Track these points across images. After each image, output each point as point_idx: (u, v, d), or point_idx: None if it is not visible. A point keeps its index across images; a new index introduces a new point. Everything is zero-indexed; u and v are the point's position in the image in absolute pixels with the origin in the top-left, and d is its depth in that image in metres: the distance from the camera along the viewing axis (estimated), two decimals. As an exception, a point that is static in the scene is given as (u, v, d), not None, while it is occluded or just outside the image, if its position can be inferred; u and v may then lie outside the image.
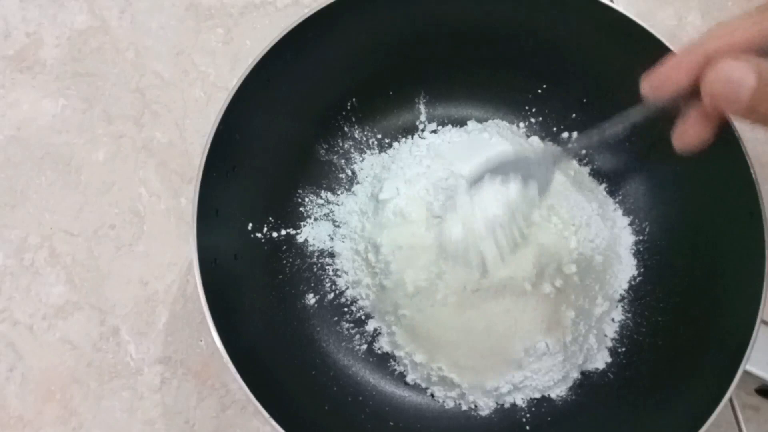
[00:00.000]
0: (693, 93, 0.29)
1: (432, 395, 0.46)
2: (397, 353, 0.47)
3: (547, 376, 0.45)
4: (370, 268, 0.47)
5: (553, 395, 0.46)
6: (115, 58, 0.58)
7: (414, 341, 0.46)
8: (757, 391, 0.47)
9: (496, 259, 0.43)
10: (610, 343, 0.47)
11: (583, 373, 0.46)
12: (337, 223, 0.51)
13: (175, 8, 0.60)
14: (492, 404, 0.45)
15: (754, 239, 0.39)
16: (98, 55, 0.58)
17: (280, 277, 0.49)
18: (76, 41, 0.59)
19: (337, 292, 0.49)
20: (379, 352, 0.48)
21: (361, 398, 0.46)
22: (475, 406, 0.45)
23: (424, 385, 0.46)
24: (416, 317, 0.45)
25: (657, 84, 0.30)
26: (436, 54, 0.51)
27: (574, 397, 0.46)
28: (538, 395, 0.45)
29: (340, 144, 0.52)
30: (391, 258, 0.45)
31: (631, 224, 0.50)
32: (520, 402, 0.46)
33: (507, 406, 0.46)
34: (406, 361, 0.47)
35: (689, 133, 0.29)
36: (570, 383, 0.46)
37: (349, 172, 0.53)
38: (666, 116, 0.33)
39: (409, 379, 0.47)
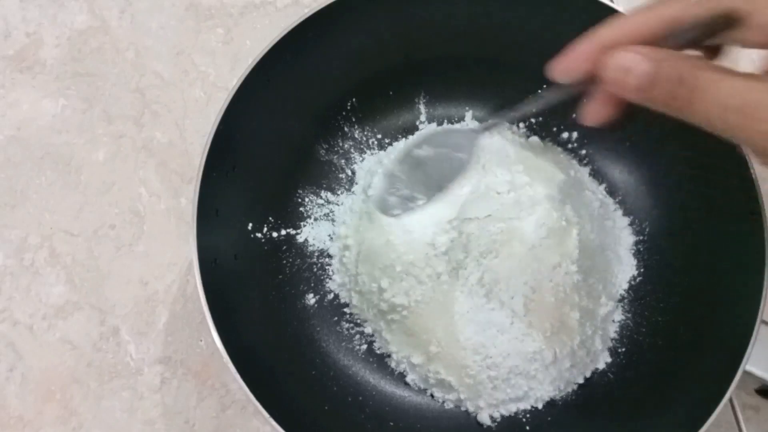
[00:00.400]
0: (595, 78, 0.31)
1: (432, 395, 0.46)
2: (394, 355, 0.47)
3: (553, 386, 0.45)
4: (348, 272, 0.48)
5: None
6: (115, 58, 0.58)
7: (408, 345, 0.45)
8: (757, 392, 0.47)
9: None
10: (610, 343, 0.47)
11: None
12: (336, 223, 0.51)
13: (175, 8, 0.60)
14: (492, 413, 0.45)
15: (754, 239, 0.39)
16: (98, 55, 0.58)
17: (280, 277, 0.49)
18: (76, 41, 0.59)
19: (336, 292, 0.49)
20: (379, 352, 0.48)
21: (361, 398, 0.46)
22: (475, 412, 0.45)
23: (423, 386, 0.46)
24: (405, 322, 0.45)
25: (562, 69, 0.32)
26: (436, 54, 0.51)
27: (574, 398, 0.46)
28: (540, 405, 0.45)
29: (340, 144, 0.52)
30: (361, 261, 0.45)
31: (631, 224, 0.50)
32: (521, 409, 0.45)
33: (507, 414, 0.45)
34: (404, 363, 0.47)
35: (596, 111, 0.32)
36: (574, 386, 0.46)
37: (349, 172, 0.53)
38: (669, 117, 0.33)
39: (409, 379, 0.47)
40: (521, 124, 0.53)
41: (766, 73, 0.29)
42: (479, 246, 0.45)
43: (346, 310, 0.49)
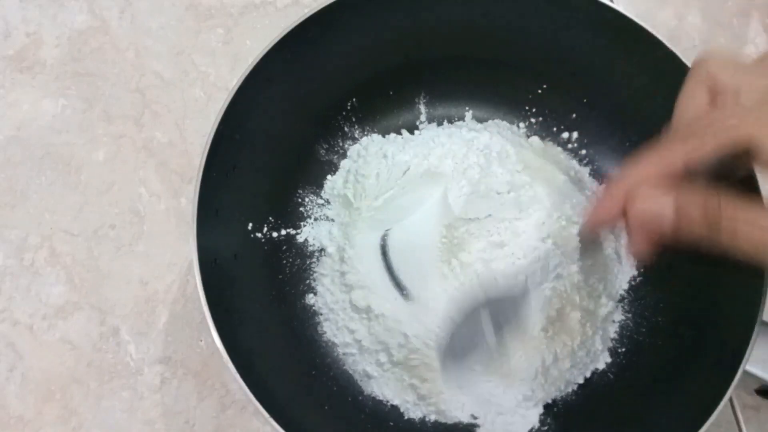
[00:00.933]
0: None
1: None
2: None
3: (553, 386, 0.45)
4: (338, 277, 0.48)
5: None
6: (115, 58, 0.58)
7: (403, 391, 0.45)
8: (757, 392, 0.47)
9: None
10: (610, 344, 0.47)
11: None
12: (336, 223, 0.51)
13: (175, 8, 0.60)
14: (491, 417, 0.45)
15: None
16: (98, 55, 0.58)
17: (280, 277, 0.49)
18: (76, 41, 0.59)
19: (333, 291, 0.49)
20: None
21: (361, 398, 0.46)
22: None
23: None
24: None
25: (595, 226, 0.35)
26: (436, 54, 0.51)
27: (573, 398, 0.46)
28: (540, 406, 0.45)
29: (340, 144, 0.52)
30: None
31: (631, 224, 0.50)
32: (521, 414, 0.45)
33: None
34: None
35: (637, 249, 0.32)
36: (573, 387, 0.46)
37: (349, 172, 0.52)
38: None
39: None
40: (521, 124, 0.53)
41: None
42: (479, 246, 0.45)
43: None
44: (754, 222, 0.28)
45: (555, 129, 0.53)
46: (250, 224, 0.47)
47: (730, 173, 0.31)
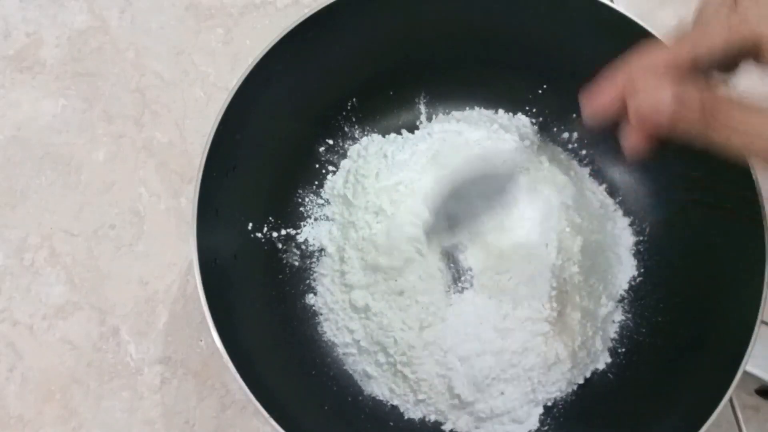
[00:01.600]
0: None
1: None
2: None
3: (554, 386, 0.45)
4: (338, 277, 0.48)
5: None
6: (115, 58, 0.58)
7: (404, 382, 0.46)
8: (757, 392, 0.47)
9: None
10: (610, 344, 0.47)
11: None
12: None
13: (175, 8, 0.60)
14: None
15: (754, 239, 0.39)
16: (98, 55, 0.58)
17: (280, 277, 0.49)
18: (76, 41, 0.59)
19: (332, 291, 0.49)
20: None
21: (361, 398, 0.46)
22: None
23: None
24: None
25: (593, 112, 0.33)
26: (436, 54, 0.51)
27: (573, 398, 0.46)
28: (541, 406, 0.45)
29: (340, 144, 0.52)
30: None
31: (631, 225, 0.50)
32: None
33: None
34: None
35: (634, 144, 0.32)
36: (573, 387, 0.46)
37: (349, 172, 0.52)
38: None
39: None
40: (521, 124, 0.53)
41: None
42: (479, 246, 0.45)
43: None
44: (748, 124, 0.28)
45: (555, 129, 0.53)
46: (250, 224, 0.47)
47: (730, 70, 0.31)
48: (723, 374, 0.37)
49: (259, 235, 0.48)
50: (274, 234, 0.49)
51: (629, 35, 0.44)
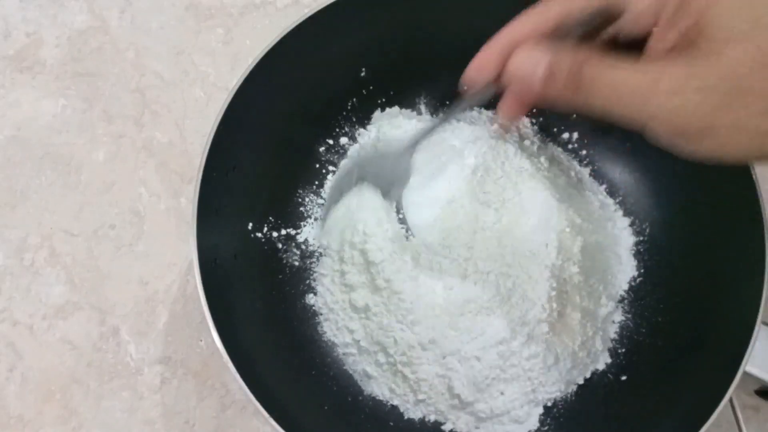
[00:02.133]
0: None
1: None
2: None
3: (555, 387, 0.45)
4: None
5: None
6: (115, 58, 0.58)
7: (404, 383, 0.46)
8: (757, 393, 0.47)
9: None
10: (610, 344, 0.47)
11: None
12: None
13: (175, 8, 0.60)
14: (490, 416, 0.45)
15: (754, 240, 0.39)
16: (98, 55, 0.58)
17: (280, 277, 0.49)
18: (76, 41, 0.59)
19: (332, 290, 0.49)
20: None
21: (360, 398, 0.46)
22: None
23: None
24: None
25: (472, 76, 0.34)
26: (437, 54, 0.51)
27: (573, 398, 0.46)
28: (541, 407, 0.45)
29: (340, 144, 0.52)
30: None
31: (631, 225, 0.50)
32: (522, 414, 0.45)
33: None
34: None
35: (507, 109, 0.34)
36: (573, 387, 0.46)
37: (349, 172, 0.52)
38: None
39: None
40: (521, 124, 0.53)
41: (650, 57, 0.30)
42: (480, 246, 0.45)
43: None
44: (617, 77, 0.27)
45: (555, 129, 0.53)
46: (250, 224, 0.47)
47: (597, 33, 0.31)
48: (723, 374, 0.37)
49: (259, 235, 0.48)
50: (274, 234, 0.49)
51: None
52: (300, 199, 0.51)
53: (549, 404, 0.45)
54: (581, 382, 0.46)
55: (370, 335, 0.45)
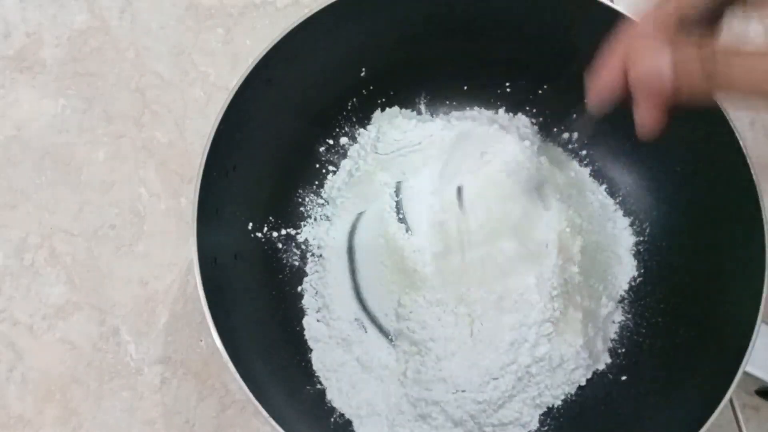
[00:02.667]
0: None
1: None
2: None
3: (558, 390, 0.45)
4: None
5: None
6: (115, 58, 0.58)
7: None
8: (758, 393, 0.47)
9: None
10: (610, 344, 0.47)
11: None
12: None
13: (175, 8, 0.60)
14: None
15: (754, 240, 0.39)
16: (98, 55, 0.58)
17: (280, 276, 0.49)
18: (76, 41, 0.59)
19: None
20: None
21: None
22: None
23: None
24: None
25: (598, 97, 0.33)
26: (437, 54, 0.51)
27: (574, 398, 0.46)
28: (544, 409, 0.45)
29: (340, 144, 0.52)
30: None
31: (631, 225, 0.50)
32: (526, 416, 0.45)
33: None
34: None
35: (648, 118, 0.32)
36: (574, 388, 0.46)
37: (350, 172, 0.52)
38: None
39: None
40: (521, 125, 0.53)
41: None
42: (482, 245, 0.45)
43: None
44: (748, 63, 0.27)
45: (555, 129, 0.53)
46: (250, 224, 0.47)
47: (716, 21, 0.31)
48: (723, 374, 0.37)
49: (259, 235, 0.48)
50: (274, 234, 0.49)
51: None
52: (300, 199, 0.51)
53: (549, 405, 0.45)
54: (583, 383, 0.46)
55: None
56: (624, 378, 0.46)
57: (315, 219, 0.51)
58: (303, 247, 0.50)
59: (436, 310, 0.44)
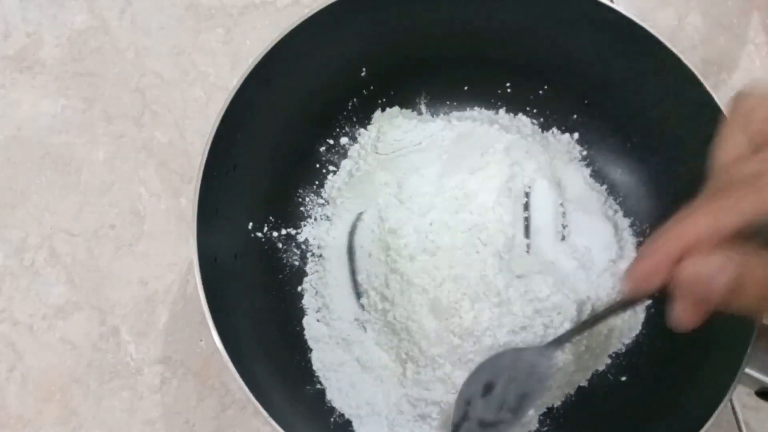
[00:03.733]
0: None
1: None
2: None
3: (559, 391, 0.45)
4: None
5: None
6: (115, 58, 0.58)
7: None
8: (757, 394, 0.47)
9: None
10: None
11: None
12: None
13: (175, 8, 0.60)
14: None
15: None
16: (98, 55, 0.58)
17: (280, 276, 0.49)
18: (76, 41, 0.59)
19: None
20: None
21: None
22: None
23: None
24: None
25: (637, 285, 0.30)
26: (437, 54, 0.51)
27: (574, 399, 0.46)
28: (544, 409, 0.45)
29: (341, 144, 0.52)
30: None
31: (631, 225, 0.50)
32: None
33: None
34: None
35: (683, 320, 0.29)
36: (574, 389, 0.46)
37: (350, 172, 0.52)
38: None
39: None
40: (521, 125, 0.53)
41: None
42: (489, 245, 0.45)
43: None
44: None
45: (555, 129, 0.53)
46: (250, 224, 0.47)
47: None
48: (723, 375, 0.37)
49: (259, 234, 0.48)
50: (275, 234, 0.49)
51: (629, 35, 0.44)
52: (300, 199, 0.51)
53: (549, 405, 0.45)
54: (584, 384, 0.46)
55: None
56: (624, 378, 0.46)
57: (315, 219, 0.51)
58: (303, 247, 0.50)
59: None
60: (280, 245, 0.49)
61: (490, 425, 0.39)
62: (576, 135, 0.52)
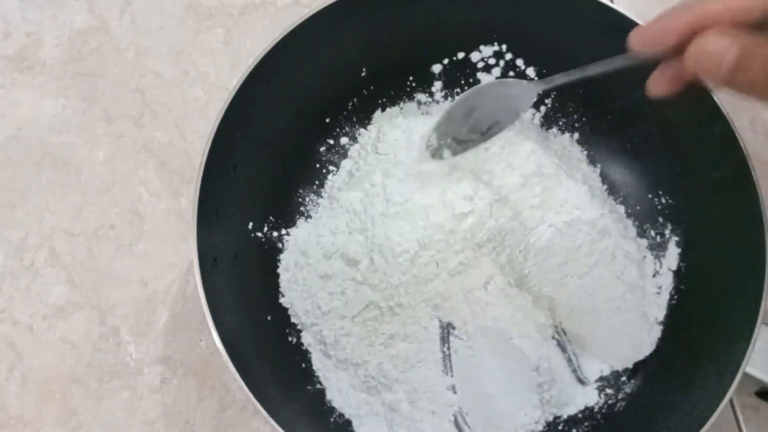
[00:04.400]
0: (676, 51, 0.30)
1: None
2: None
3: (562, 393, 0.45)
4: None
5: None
6: (115, 58, 0.58)
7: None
8: (757, 394, 0.47)
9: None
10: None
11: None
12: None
13: (175, 8, 0.60)
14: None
15: (755, 240, 0.39)
16: (98, 55, 0.58)
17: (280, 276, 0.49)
18: (76, 41, 0.59)
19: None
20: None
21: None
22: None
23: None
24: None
25: (646, 40, 0.31)
26: (437, 54, 0.51)
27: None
28: (550, 418, 0.45)
29: (341, 144, 0.52)
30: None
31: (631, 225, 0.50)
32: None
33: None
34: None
35: (662, 84, 0.31)
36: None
37: (350, 172, 0.52)
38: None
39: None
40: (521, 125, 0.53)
41: None
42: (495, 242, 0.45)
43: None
44: None
45: (556, 129, 0.53)
46: (251, 224, 0.47)
47: None
48: (723, 375, 0.37)
49: (259, 234, 0.48)
50: (275, 234, 0.49)
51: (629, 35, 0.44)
52: (300, 199, 0.51)
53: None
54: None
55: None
56: (623, 379, 0.46)
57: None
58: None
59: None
60: (280, 245, 0.49)
61: (461, 142, 0.44)
62: (576, 135, 0.52)
